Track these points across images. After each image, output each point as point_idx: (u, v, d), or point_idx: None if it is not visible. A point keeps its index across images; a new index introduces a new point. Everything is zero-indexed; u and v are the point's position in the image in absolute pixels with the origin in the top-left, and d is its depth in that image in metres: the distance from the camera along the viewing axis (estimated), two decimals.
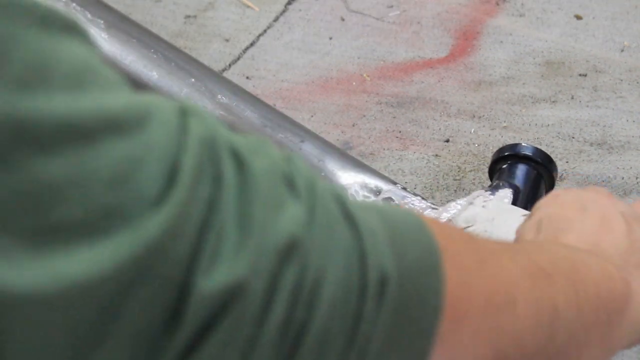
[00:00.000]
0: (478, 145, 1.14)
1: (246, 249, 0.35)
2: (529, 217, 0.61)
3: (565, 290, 0.49)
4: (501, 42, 1.32)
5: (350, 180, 0.92)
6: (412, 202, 0.90)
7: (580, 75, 1.25)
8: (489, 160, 0.97)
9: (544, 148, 0.98)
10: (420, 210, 0.89)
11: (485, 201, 0.87)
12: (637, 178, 1.08)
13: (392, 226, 0.41)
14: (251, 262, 0.35)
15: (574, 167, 1.10)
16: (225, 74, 1.27)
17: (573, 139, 1.14)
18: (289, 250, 0.36)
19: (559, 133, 1.16)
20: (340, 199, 0.40)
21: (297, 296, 0.36)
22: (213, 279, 0.34)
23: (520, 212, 0.84)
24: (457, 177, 1.10)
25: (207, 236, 0.34)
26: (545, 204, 0.62)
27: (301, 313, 0.36)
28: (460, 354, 0.43)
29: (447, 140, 1.15)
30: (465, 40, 1.33)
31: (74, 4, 1.06)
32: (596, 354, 0.52)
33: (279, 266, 0.36)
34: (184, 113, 0.35)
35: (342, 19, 1.38)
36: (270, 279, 0.35)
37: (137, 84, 1.02)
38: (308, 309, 0.36)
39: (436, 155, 1.13)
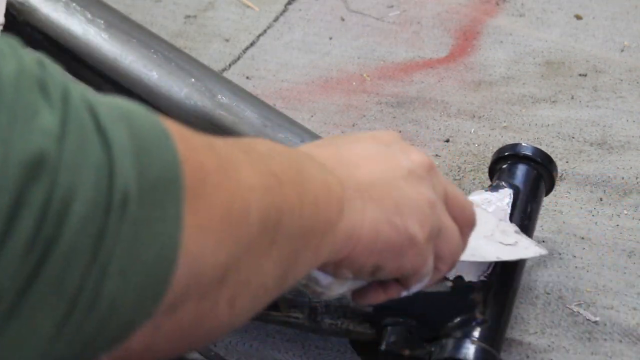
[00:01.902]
0: (478, 145, 1.14)
1: None
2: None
3: (292, 198, 0.51)
4: (501, 42, 1.32)
5: None
6: None
7: (580, 75, 1.25)
8: (489, 160, 0.97)
9: (544, 148, 0.98)
10: None
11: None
12: (637, 178, 1.08)
13: (139, 140, 0.41)
14: None
15: (574, 167, 1.10)
16: (225, 74, 1.27)
17: (573, 139, 1.14)
18: (37, 166, 0.36)
19: (559, 133, 1.16)
20: (93, 108, 0.39)
21: (45, 214, 0.36)
22: None
23: (495, 221, 0.84)
24: (457, 177, 1.10)
25: None
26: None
27: (48, 230, 0.36)
28: (202, 263, 0.44)
29: (447, 140, 1.15)
30: (465, 40, 1.33)
31: (74, 4, 1.06)
32: (309, 261, 0.54)
33: (25, 182, 0.35)
34: None
35: (342, 19, 1.38)
36: (15, 194, 0.35)
37: (137, 84, 1.02)
38: (56, 226, 0.37)
39: (436, 155, 1.13)
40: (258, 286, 0.50)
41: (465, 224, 0.67)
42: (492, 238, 0.81)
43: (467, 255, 0.71)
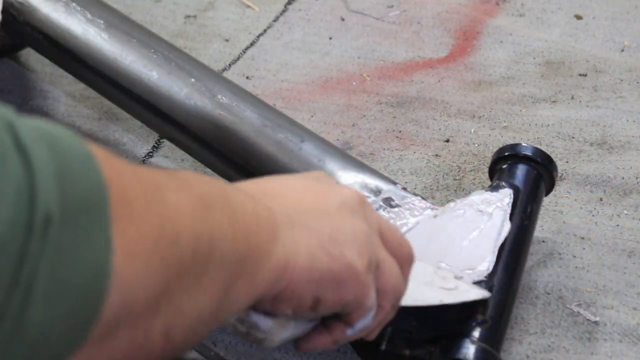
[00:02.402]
0: (478, 145, 1.14)
1: None
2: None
3: (222, 223, 0.49)
4: (501, 42, 1.32)
5: (351, 180, 0.92)
6: (412, 202, 0.90)
7: (580, 75, 1.25)
8: (489, 160, 0.97)
9: (544, 148, 0.98)
10: (418, 211, 0.89)
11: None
12: (637, 178, 1.08)
13: (62, 160, 0.40)
14: None
15: (574, 167, 1.10)
16: (225, 74, 1.27)
17: (573, 139, 1.14)
18: None
19: (559, 133, 1.16)
20: (12, 126, 0.38)
21: None
22: None
23: (432, 268, 0.83)
24: (457, 177, 1.10)
25: None
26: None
27: None
28: (133, 291, 0.43)
29: (447, 140, 1.15)
30: (465, 40, 1.33)
31: (74, 4, 1.06)
32: (245, 291, 0.52)
33: None
34: None
35: (342, 19, 1.38)
36: None
37: (137, 84, 1.02)
38: None
39: (436, 155, 1.13)
40: (192, 316, 0.48)
41: (403, 259, 0.64)
42: (432, 284, 0.80)
43: (409, 301, 0.69)
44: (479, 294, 0.81)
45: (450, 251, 0.84)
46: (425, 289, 0.78)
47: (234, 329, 0.60)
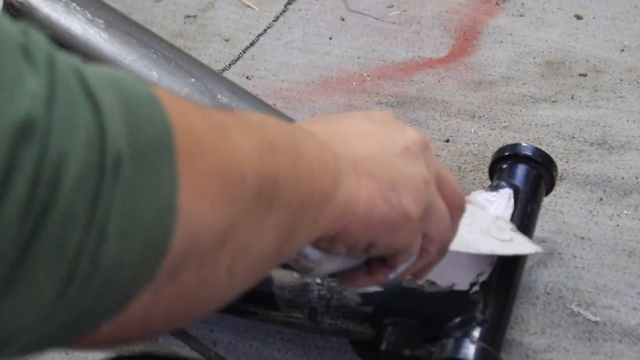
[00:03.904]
0: (478, 145, 1.14)
1: None
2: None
3: (286, 165, 0.51)
4: (501, 42, 1.32)
5: None
6: None
7: (580, 75, 1.25)
8: (489, 160, 0.97)
9: (544, 148, 0.98)
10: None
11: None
12: (637, 178, 1.08)
13: (129, 103, 0.41)
14: None
15: (574, 167, 1.10)
16: (225, 74, 1.27)
17: (573, 139, 1.14)
18: (27, 130, 0.36)
19: (559, 133, 1.16)
20: (80, 73, 0.39)
21: (38, 177, 0.36)
22: None
23: (492, 218, 0.84)
24: (457, 177, 1.10)
25: None
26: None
27: (43, 193, 0.36)
28: (199, 227, 0.44)
29: (447, 140, 1.15)
30: (465, 40, 1.33)
31: (74, 4, 1.06)
32: (306, 232, 0.54)
33: (16, 146, 0.35)
34: None
35: (342, 19, 1.38)
36: (6, 159, 0.35)
37: None
38: (50, 190, 0.37)
39: (436, 155, 1.13)
40: (256, 253, 0.50)
41: (455, 207, 0.66)
42: (489, 233, 0.81)
43: (462, 246, 0.71)
44: (533, 248, 0.82)
45: (450, 250, 0.84)
46: (480, 236, 0.79)
47: None
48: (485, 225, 0.82)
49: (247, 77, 1.27)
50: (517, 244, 0.82)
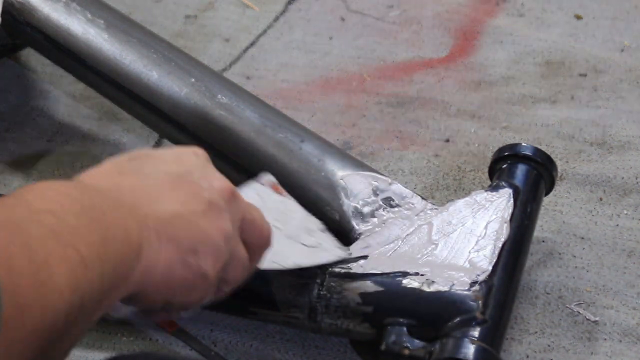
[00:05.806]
0: (478, 145, 1.14)
1: None
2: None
3: (95, 276, 0.52)
4: (501, 42, 1.32)
5: (350, 180, 0.92)
6: (412, 201, 0.90)
7: (580, 75, 1.25)
8: (489, 160, 0.97)
9: (544, 148, 0.98)
10: (418, 211, 0.89)
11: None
12: (637, 178, 1.08)
13: None
14: None
15: (574, 167, 1.10)
16: (225, 74, 1.27)
17: (573, 139, 1.14)
18: None
19: (559, 133, 1.16)
20: None
21: None
22: None
23: (302, 216, 0.85)
24: (457, 177, 1.10)
25: None
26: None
27: None
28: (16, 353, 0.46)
29: (447, 140, 1.15)
30: (465, 40, 1.33)
31: (74, 4, 1.06)
32: (108, 304, 0.56)
33: None
34: None
35: (342, 19, 1.38)
36: None
37: (137, 83, 1.02)
38: None
39: (436, 155, 1.13)
40: (69, 345, 0.52)
41: (259, 245, 0.69)
42: (296, 238, 0.82)
43: (267, 263, 0.72)
44: (338, 254, 0.83)
45: (450, 250, 0.84)
46: (286, 245, 0.80)
47: None
48: (294, 227, 0.83)
49: (247, 77, 1.27)
50: (323, 250, 0.83)
